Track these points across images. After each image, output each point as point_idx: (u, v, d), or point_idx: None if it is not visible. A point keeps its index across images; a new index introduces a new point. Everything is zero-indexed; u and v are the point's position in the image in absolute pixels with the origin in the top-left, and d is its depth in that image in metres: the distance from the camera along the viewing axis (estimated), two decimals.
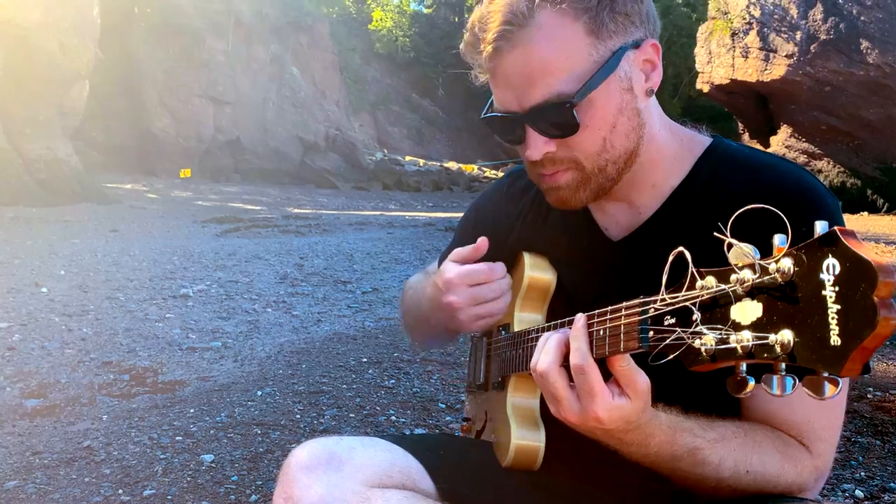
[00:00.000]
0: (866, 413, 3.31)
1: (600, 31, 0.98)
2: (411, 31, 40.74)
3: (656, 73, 1.05)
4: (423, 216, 16.55)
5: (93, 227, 10.90)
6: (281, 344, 4.58)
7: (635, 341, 0.80)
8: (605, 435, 0.92)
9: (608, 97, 1.00)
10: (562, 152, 1.05)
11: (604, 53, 0.99)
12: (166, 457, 2.73)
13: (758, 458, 0.97)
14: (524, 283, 1.23)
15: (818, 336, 0.60)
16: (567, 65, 0.98)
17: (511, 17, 0.98)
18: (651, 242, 1.11)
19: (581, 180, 1.07)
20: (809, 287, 0.62)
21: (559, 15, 0.97)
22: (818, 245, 0.62)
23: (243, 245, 9.65)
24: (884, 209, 21.96)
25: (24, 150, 14.31)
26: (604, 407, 0.86)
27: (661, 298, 0.76)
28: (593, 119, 1.01)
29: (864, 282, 0.57)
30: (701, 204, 1.08)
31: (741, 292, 0.67)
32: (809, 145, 23.21)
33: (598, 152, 1.04)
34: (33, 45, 14.23)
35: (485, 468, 1.19)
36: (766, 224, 0.73)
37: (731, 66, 22.94)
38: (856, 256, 0.59)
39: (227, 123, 24.55)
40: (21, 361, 3.92)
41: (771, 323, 0.65)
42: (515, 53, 0.99)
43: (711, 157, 1.11)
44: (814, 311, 0.61)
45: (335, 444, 1.05)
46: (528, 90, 1.00)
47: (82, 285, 6.25)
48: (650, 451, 0.94)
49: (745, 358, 0.67)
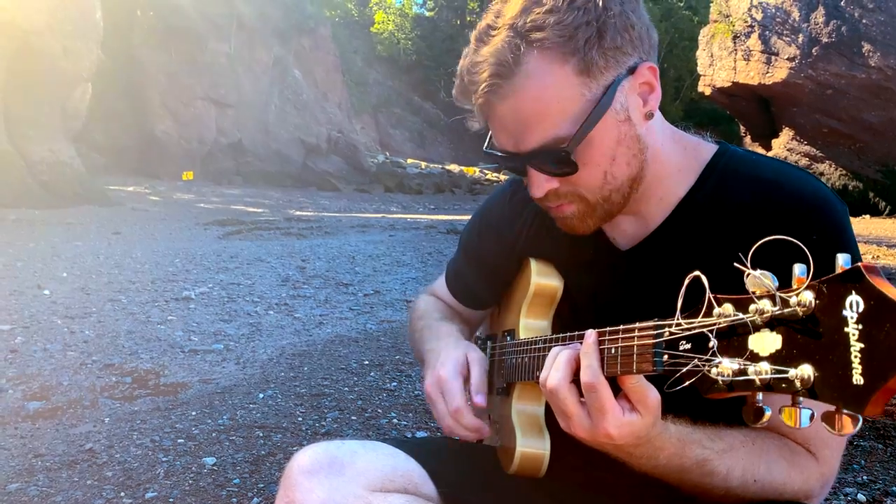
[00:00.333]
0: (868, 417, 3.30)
1: (591, 69, 0.96)
2: (413, 34, 40.83)
3: (654, 96, 1.02)
4: (424, 218, 16.55)
5: (95, 230, 10.91)
6: (283, 346, 4.58)
7: (649, 364, 0.80)
8: (615, 449, 0.92)
9: (606, 133, 0.99)
10: (564, 188, 1.04)
11: (597, 91, 0.97)
12: (168, 459, 2.73)
13: (765, 466, 0.97)
14: (531, 289, 1.22)
15: (840, 373, 0.60)
16: (560, 109, 0.97)
17: (498, 68, 0.96)
18: (658, 253, 1.11)
19: (587, 211, 1.07)
20: (831, 322, 0.61)
21: (546, 60, 0.95)
22: (841, 280, 0.61)
23: (245, 247, 9.65)
24: (886, 212, 21.96)
25: (26, 152, 14.32)
26: (614, 424, 0.86)
27: (677, 323, 0.76)
28: (592, 157, 1.00)
29: (889, 322, 0.57)
30: (708, 214, 1.07)
31: (760, 323, 0.66)
32: (811, 148, 23.21)
33: (601, 186, 1.04)
34: (36, 48, 14.26)
35: (487, 472, 1.19)
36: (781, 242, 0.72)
37: (733, 69, 22.96)
38: (881, 296, 0.58)
39: (230, 126, 24.58)
40: (23, 364, 3.92)
41: (791, 356, 0.64)
42: (507, 104, 0.98)
43: (717, 165, 1.10)
44: (835, 347, 0.60)
45: (337, 448, 1.05)
46: (524, 136, 1.00)
47: (84, 287, 6.26)
48: (659, 463, 0.94)
49: (762, 390, 0.67)
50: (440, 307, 1.48)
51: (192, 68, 23.43)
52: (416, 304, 1.53)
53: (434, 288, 1.55)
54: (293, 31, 27.13)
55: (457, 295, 1.47)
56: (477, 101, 1.01)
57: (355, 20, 40.99)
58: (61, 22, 14.70)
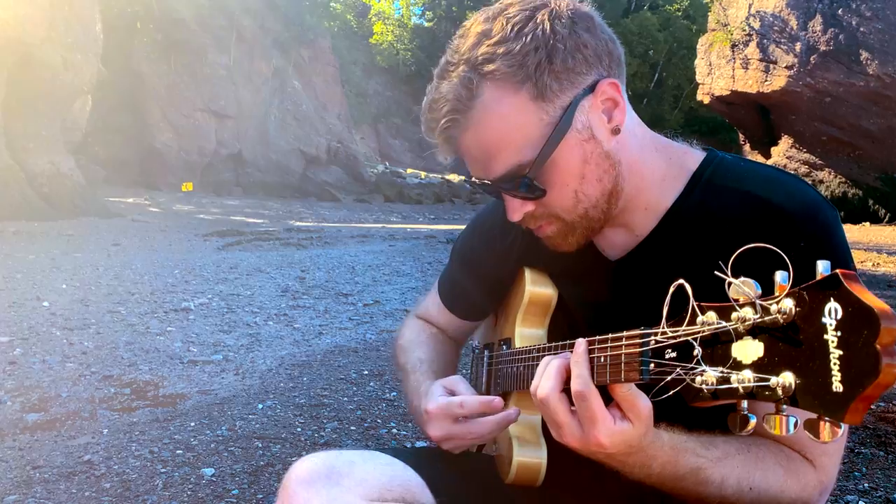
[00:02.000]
0: (869, 424, 3.29)
1: (545, 94, 0.97)
2: (412, 45, 40.97)
3: (619, 111, 1.02)
4: (424, 228, 16.57)
5: (95, 241, 10.92)
6: (282, 357, 4.57)
7: (636, 372, 0.80)
8: (608, 458, 0.92)
9: (569, 153, 1.00)
10: (539, 210, 1.06)
11: (554, 114, 0.98)
12: (167, 470, 2.72)
13: (760, 474, 0.97)
14: (525, 298, 1.23)
15: (820, 381, 0.60)
16: (519, 136, 0.99)
17: (455, 104, 0.99)
18: (647, 263, 1.11)
19: (566, 230, 1.08)
20: (811, 330, 0.61)
21: (500, 90, 0.97)
22: (820, 287, 0.61)
23: (245, 258, 9.66)
24: (885, 219, 21.98)
25: (26, 164, 14.35)
26: (606, 433, 0.86)
27: (662, 331, 0.76)
28: (560, 178, 1.01)
29: (866, 329, 0.57)
30: (695, 223, 1.07)
31: (742, 330, 0.67)
32: (810, 156, 23.25)
33: (573, 205, 1.04)
34: (36, 61, 14.31)
35: (485, 482, 1.19)
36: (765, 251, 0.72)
37: (732, 78, 23.03)
38: (858, 302, 0.58)
39: (229, 137, 24.66)
40: (22, 375, 3.91)
41: (772, 364, 0.64)
42: (468, 136, 1.01)
43: (705, 173, 1.09)
44: (816, 354, 0.60)
45: (335, 458, 1.05)
46: (489, 165, 1.02)
47: (84, 299, 6.25)
48: (653, 472, 0.93)
49: (745, 397, 0.67)
50: (423, 338, 1.45)
51: (191, 80, 23.53)
52: (402, 332, 1.49)
53: (421, 310, 1.52)
54: (292, 42, 27.25)
55: (453, 306, 1.45)
56: (439, 138, 1.04)
57: (354, 31, 41.13)
58: (61, 34, 14.77)
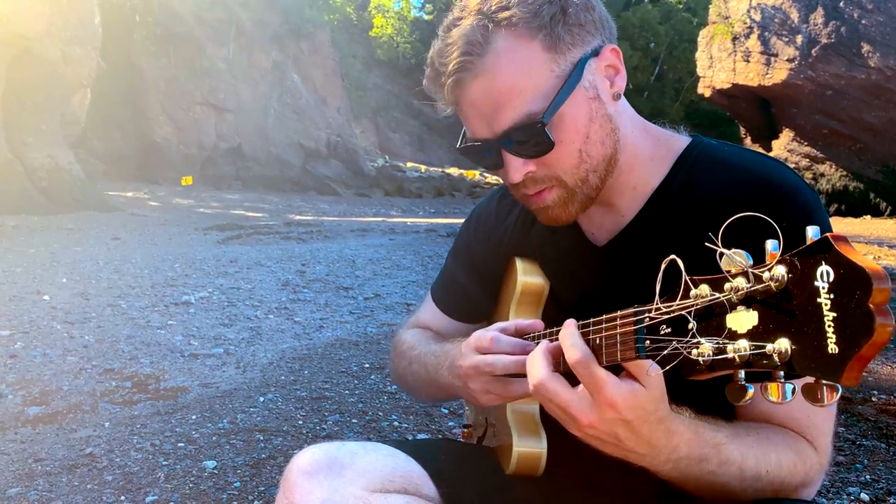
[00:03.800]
0: (871, 416, 3.29)
1: (558, 45, 0.99)
2: (412, 38, 40.84)
3: (620, 77, 1.05)
4: (424, 222, 16.56)
5: (94, 235, 10.91)
6: (283, 350, 4.58)
7: (632, 350, 0.79)
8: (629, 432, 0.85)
9: (577, 109, 1.01)
10: (542, 171, 1.05)
11: (565, 67, 0.99)
12: (168, 463, 2.72)
13: (775, 455, 0.95)
14: (518, 288, 1.23)
15: (815, 344, 0.60)
16: (531, 84, 0.99)
17: (468, 47, 0.99)
18: (635, 245, 1.11)
19: (567, 196, 1.07)
20: (804, 295, 0.61)
21: (515, 37, 0.98)
22: (811, 252, 0.61)
23: (245, 252, 9.65)
24: (887, 212, 21.97)
25: (26, 158, 14.34)
26: (616, 391, 0.82)
27: (656, 307, 0.76)
28: (566, 133, 1.01)
29: (858, 289, 0.57)
30: (681, 204, 1.08)
31: (736, 300, 0.66)
32: (811, 149, 23.23)
33: (577, 165, 1.04)
34: (35, 55, 14.28)
35: (487, 472, 1.19)
36: (753, 225, 0.72)
37: (733, 71, 22.98)
38: (849, 263, 0.58)
39: (229, 131, 24.61)
40: (23, 369, 3.92)
41: (767, 331, 0.64)
42: (478, 82, 1.00)
43: (690, 156, 1.11)
44: (810, 319, 0.60)
45: (336, 449, 1.05)
46: (498, 115, 1.01)
47: (84, 293, 6.26)
48: (681, 454, 0.89)
49: (742, 367, 0.66)
50: (429, 335, 1.40)
51: (190, 74, 23.48)
52: (401, 338, 1.43)
53: (416, 319, 1.50)
54: (292, 35, 27.16)
55: (447, 307, 1.43)
56: (447, 83, 1.02)
57: (354, 24, 41.06)
58: (60, 28, 14.73)
